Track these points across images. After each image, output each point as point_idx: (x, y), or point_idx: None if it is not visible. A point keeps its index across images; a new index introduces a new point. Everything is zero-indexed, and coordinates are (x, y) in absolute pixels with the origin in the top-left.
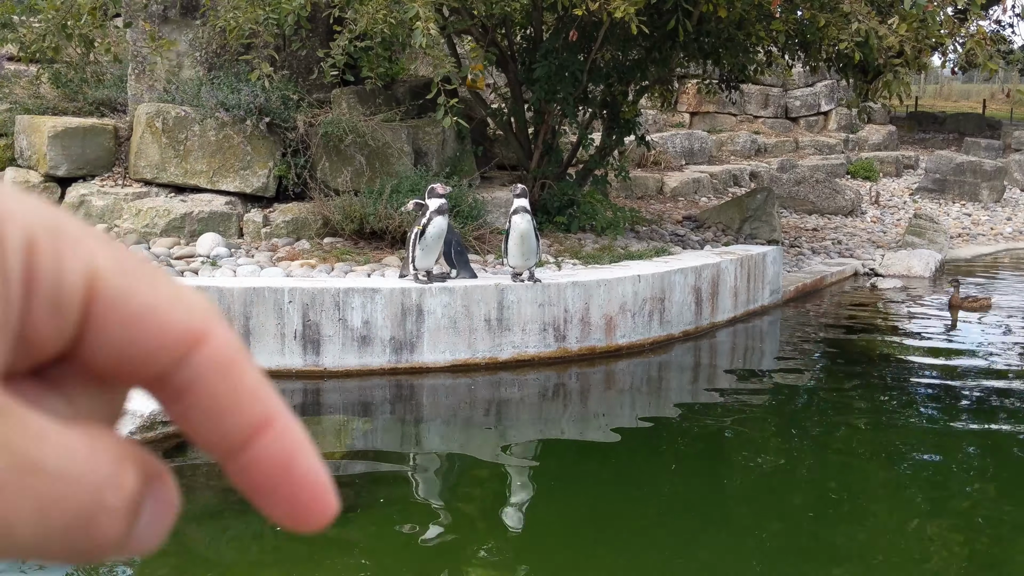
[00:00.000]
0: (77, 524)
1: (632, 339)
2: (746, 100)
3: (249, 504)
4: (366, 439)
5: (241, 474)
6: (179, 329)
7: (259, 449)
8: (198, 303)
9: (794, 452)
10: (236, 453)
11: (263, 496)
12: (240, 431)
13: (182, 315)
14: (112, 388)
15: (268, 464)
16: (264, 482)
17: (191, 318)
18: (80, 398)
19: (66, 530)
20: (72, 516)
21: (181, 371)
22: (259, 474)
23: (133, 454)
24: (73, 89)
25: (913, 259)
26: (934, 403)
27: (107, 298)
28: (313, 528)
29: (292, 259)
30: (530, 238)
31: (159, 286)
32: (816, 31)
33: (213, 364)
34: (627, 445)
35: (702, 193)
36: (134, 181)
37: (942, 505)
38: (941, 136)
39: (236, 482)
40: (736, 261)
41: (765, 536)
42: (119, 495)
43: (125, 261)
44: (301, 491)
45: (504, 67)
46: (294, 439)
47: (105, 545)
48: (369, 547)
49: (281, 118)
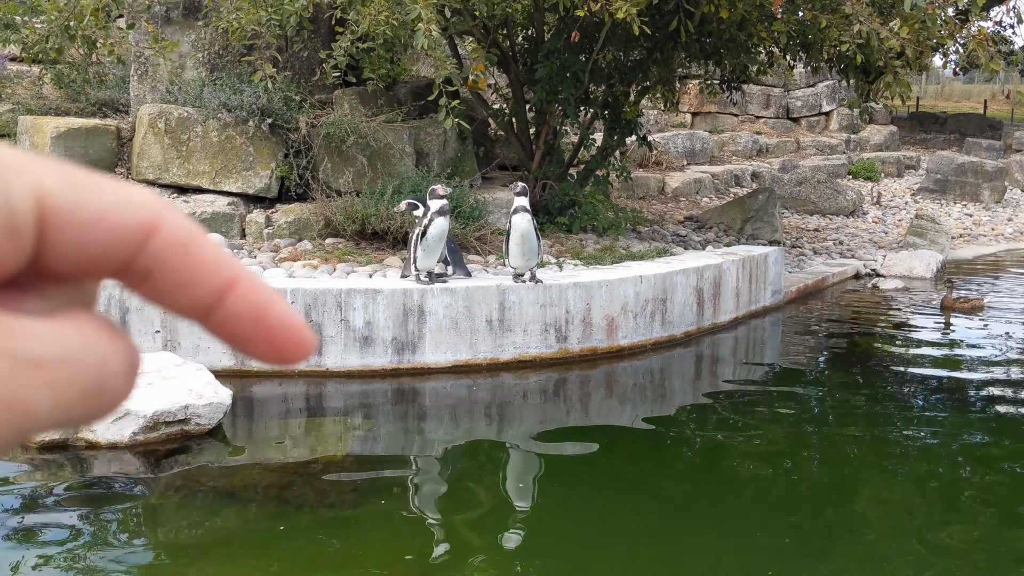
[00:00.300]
0: (91, 393)
1: (634, 340)
2: (748, 100)
3: (249, 506)
4: (368, 440)
5: (219, 329)
6: (132, 225)
7: (230, 306)
8: (147, 199)
9: (796, 453)
10: (210, 314)
11: (244, 344)
12: (208, 295)
13: (133, 211)
14: (81, 283)
15: (241, 317)
16: (241, 332)
17: (142, 213)
18: (54, 294)
19: (82, 400)
20: (85, 388)
21: (141, 258)
22: (235, 326)
23: (109, 324)
24: (76, 90)
25: (914, 260)
26: (935, 403)
27: (59, 212)
28: (297, 361)
29: (294, 260)
30: (531, 238)
31: (107, 192)
32: (817, 32)
33: (170, 246)
34: (629, 446)
35: (704, 193)
36: (137, 182)
37: (945, 505)
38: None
39: (216, 336)
40: (738, 262)
41: (767, 537)
42: (118, 359)
43: (72, 177)
44: (277, 333)
45: (505, 68)
46: (260, 292)
47: (117, 402)
48: (371, 548)
49: (283, 119)
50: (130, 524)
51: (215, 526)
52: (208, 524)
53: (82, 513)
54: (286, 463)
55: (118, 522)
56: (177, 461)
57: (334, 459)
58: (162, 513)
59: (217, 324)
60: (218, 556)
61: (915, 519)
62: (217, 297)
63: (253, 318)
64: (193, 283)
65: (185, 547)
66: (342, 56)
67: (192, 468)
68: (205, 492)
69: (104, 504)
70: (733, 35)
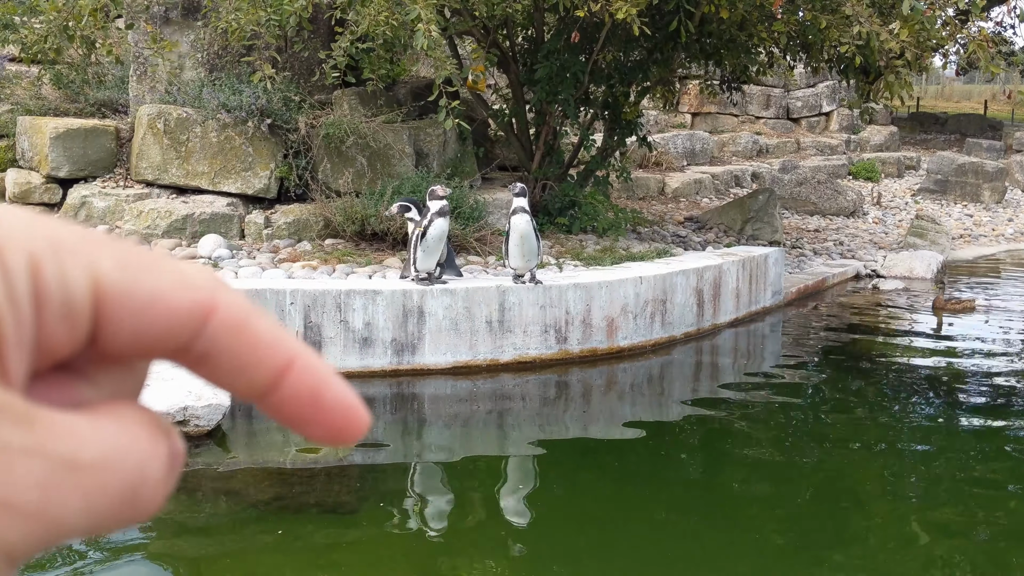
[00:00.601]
0: (123, 501)
1: (634, 341)
2: (748, 101)
3: (248, 509)
4: (367, 442)
5: (275, 411)
6: (187, 308)
7: (287, 388)
8: (201, 278)
9: (797, 454)
10: (266, 396)
11: (300, 426)
12: (265, 378)
13: (187, 294)
14: (133, 365)
15: (297, 399)
16: (298, 415)
17: (196, 295)
18: (104, 380)
19: (112, 508)
20: (117, 496)
21: (198, 342)
22: (292, 409)
23: (155, 420)
24: (75, 90)
25: (915, 260)
26: (938, 404)
27: (114, 295)
28: (350, 442)
29: (293, 260)
30: (530, 239)
31: (161, 272)
32: (818, 33)
33: (226, 330)
34: (629, 447)
35: (704, 194)
36: (136, 182)
37: (945, 505)
38: (943, 137)
39: (272, 417)
40: (738, 262)
41: (767, 537)
42: (157, 466)
43: (125, 255)
44: (333, 415)
45: (505, 68)
46: (317, 372)
47: (148, 512)
48: (371, 549)
49: (283, 119)
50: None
51: (213, 529)
52: (206, 527)
53: None
54: (285, 465)
55: None
56: None
57: (332, 461)
58: (160, 516)
59: (274, 406)
60: (216, 559)
61: (919, 519)
62: (274, 380)
63: (309, 401)
64: (250, 367)
65: (183, 550)
66: (342, 56)
67: (190, 470)
68: (204, 494)
69: None
70: (733, 35)
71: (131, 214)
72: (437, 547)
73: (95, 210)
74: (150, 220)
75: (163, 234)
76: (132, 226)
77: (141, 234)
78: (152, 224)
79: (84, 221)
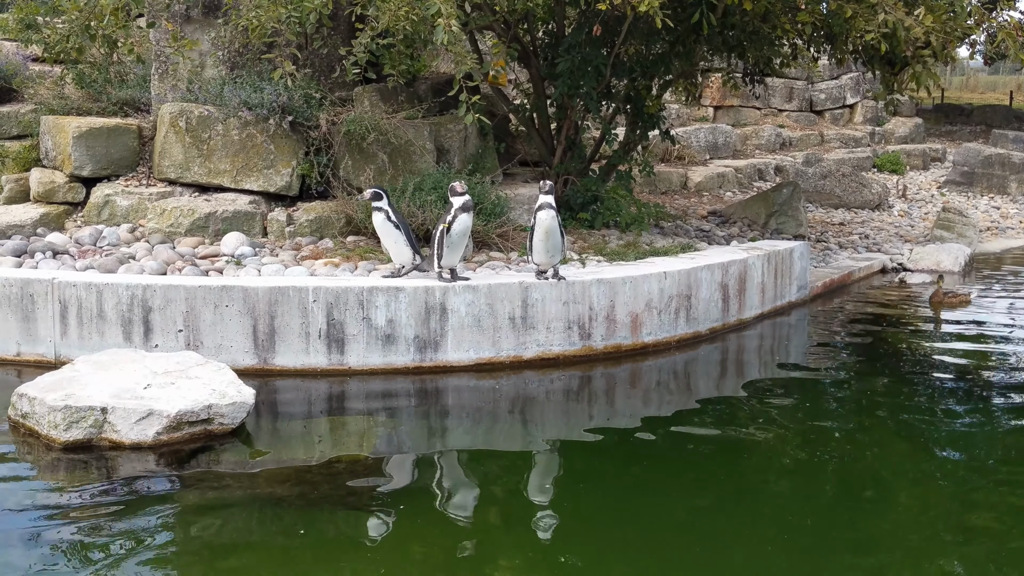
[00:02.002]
0: None
1: (658, 337)
2: (770, 94)
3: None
4: (391, 439)
5: None
6: None
7: None
8: None
9: (824, 452)
10: None
11: None
12: None
13: None
14: None
15: None
16: None
17: None
18: None
19: None
20: None
21: None
22: None
23: None
24: (97, 89)
25: (942, 253)
26: (968, 400)
27: None
28: None
29: (316, 258)
30: (555, 235)
31: None
32: (843, 23)
33: None
34: (654, 445)
35: (727, 188)
36: (158, 181)
37: (974, 506)
38: (968, 128)
39: None
40: (763, 257)
41: (794, 538)
42: None
43: None
44: None
45: (526, 63)
46: None
47: None
48: (395, 547)
49: (304, 117)
50: (153, 524)
51: (238, 527)
52: (231, 525)
53: (105, 513)
54: (309, 463)
55: (141, 523)
56: (200, 461)
57: (357, 459)
58: (185, 513)
59: None
60: (241, 557)
61: (948, 522)
62: None
63: None
64: None
65: (208, 548)
66: (362, 53)
67: (215, 468)
68: (228, 492)
69: (127, 504)
70: (756, 27)
71: (154, 212)
72: (461, 545)
73: (118, 209)
74: (173, 218)
75: (186, 232)
76: (155, 224)
77: (164, 232)
78: (175, 222)
79: (107, 220)
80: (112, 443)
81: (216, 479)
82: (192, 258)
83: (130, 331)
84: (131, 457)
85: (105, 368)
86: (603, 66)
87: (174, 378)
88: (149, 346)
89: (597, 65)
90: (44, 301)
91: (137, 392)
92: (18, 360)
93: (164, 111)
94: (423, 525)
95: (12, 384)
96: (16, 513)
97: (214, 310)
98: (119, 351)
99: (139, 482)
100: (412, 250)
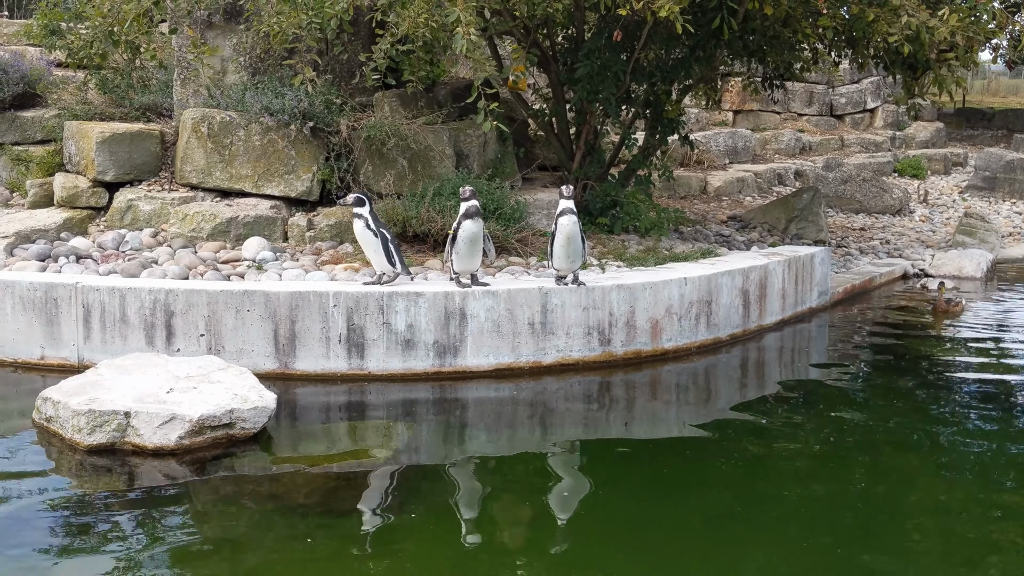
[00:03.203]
0: None
1: (678, 343)
2: (790, 98)
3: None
4: (410, 445)
5: None
6: None
7: None
8: None
9: (844, 461)
10: None
11: None
12: None
13: None
14: None
15: None
16: None
17: None
18: None
19: None
20: None
21: None
22: None
23: None
24: (120, 95)
25: (964, 259)
26: (988, 408)
27: None
28: None
29: (336, 263)
30: (576, 240)
31: None
32: (865, 26)
33: None
34: (674, 451)
35: (746, 192)
36: (180, 186)
37: (997, 516)
38: (990, 133)
39: None
40: (784, 262)
41: (814, 546)
42: None
43: None
44: None
45: (546, 67)
46: None
47: None
48: (414, 556)
49: (324, 122)
50: (175, 529)
51: (259, 532)
52: (252, 530)
53: (128, 517)
54: (330, 469)
55: (163, 527)
56: (222, 465)
57: (377, 464)
58: (205, 519)
59: None
60: (262, 562)
61: (970, 533)
62: None
63: None
64: None
65: (228, 552)
66: (382, 59)
67: (237, 473)
68: (250, 498)
69: (150, 508)
70: (777, 32)
71: (176, 217)
72: (479, 551)
73: (141, 213)
74: (195, 223)
75: (208, 237)
76: (177, 229)
77: (186, 237)
78: (197, 227)
79: (130, 224)
80: (135, 447)
81: (237, 484)
82: (214, 263)
83: (152, 335)
84: (153, 461)
85: (128, 372)
86: (623, 71)
87: (196, 382)
88: (171, 350)
89: (617, 70)
90: (68, 305)
91: (160, 396)
92: (42, 364)
93: (186, 116)
94: (442, 531)
95: (37, 388)
96: (40, 515)
97: (235, 315)
98: (142, 355)
99: (161, 486)
100: (390, 260)
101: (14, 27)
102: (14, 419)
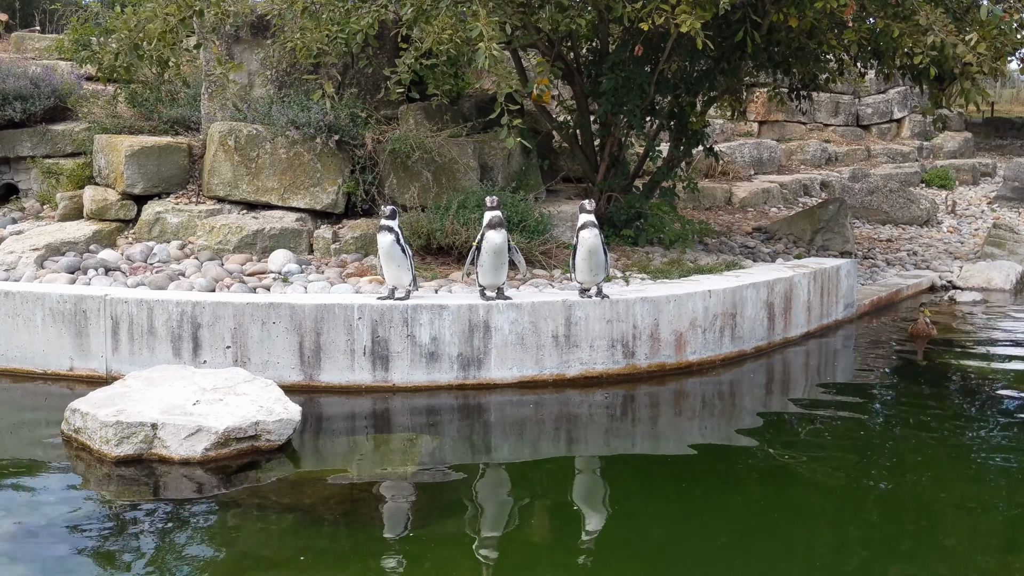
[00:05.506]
0: None
1: (703, 356)
2: (816, 108)
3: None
4: (435, 457)
5: None
6: None
7: None
8: None
9: (870, 476)
10: None
11: None
12: None
13: None
14: None
15: None
16: None
17: None
18: None
19: None
20: None
21: None
22: None
23: None
24: (149, 108)
25: (993, 271)
26: (1017, 422)
27: None
28: None
29: (361, 275)
30: (598, 254)
31: None
32: (890, 40)
33: None
34: (699, 465)
35: (772, 204)
36: (207, 198)
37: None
38: (1019, 143)
39: None
40: (809, 275)
41: (843, 559)
42: None
43: None
44: None
45: (570, 80)
46: None
47: None
48: (438, 569)
49: (350, 135)
50: (201, 540)
51: (284, 544)
52: (277, 542)
53: (154, 527)
54: (354, 481)
55: (189, 538)
56: (248, 477)
57: (402, 476)
58: (230, 530)
59: None
60: (287, 574)
61: (999, 550)
62: None
63: None
64: None
65: (252, 564)
66: (406, 72)
67: (262, 484)
68: (275, 509)
69: (176, 520)
70: (802, 44)
71: (203, 230)
72: (503, 565)
73: (168, 226)
74: (221, 236)
75: (234, 249)
76: (204, 241)
77: (213, 249)
78: (223, 240)
79: (158, 237)
80: (161, 458)
81: (262, 496)
82: (240, 275)
83: (179, 347)
84: (180, 472)
85: (155, 384)
86: (647, 83)
87: (222, 394)
88: (198, 362)
89: (641, 82)
90: (96, 317)
91: (186, 408)
92: (71, 375)
93: (213, 130)
94: (467, 545)
95: (65, 399)
96: (68, 525)
97: (261, 327)
98: (169, 367)
99: (187, 497)
100: (412, 275)
101: (46, 42)
102: (43, 429)
